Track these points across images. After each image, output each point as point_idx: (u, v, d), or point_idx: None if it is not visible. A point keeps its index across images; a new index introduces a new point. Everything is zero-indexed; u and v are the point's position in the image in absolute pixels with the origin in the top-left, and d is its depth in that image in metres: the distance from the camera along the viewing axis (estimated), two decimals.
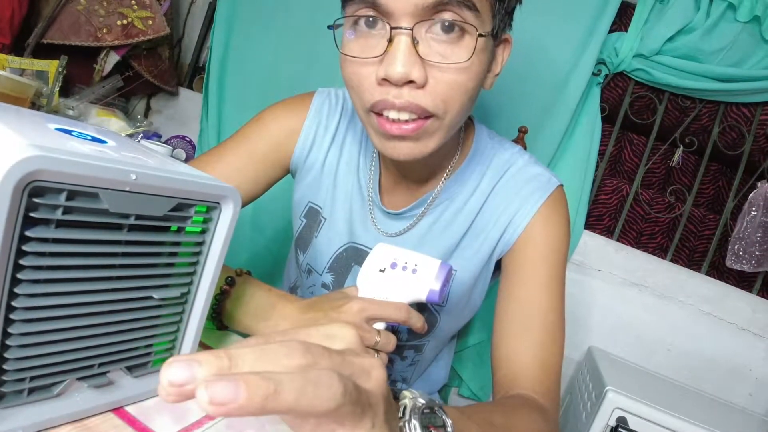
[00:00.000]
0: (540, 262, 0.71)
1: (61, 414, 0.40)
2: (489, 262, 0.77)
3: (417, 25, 0.55)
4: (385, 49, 0.56)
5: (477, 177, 0.76)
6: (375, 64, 0.58)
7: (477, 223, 0.76)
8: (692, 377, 1.50)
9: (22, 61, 1.34)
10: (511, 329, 0.68)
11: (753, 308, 1.47)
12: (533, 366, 0.65)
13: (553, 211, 0.74)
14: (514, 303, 0.70)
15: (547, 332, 0.68)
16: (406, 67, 0.55)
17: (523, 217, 0.73)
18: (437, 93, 0.58)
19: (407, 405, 0.38)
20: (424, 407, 0.39)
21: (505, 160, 0.77)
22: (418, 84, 0.57)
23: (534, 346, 0.66)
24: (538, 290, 0.70)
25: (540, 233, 0.73)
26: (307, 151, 0.82)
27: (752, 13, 1.35)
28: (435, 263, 0.61)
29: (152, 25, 1.66)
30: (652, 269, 1.54)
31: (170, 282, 0.45)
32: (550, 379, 0.65)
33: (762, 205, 1.41)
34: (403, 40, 0.55)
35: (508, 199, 0.75)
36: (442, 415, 0.40)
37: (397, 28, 0.55)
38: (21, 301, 0.34)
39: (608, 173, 1.71)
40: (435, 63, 0.57)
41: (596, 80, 1.52)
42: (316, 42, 1.68)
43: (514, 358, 0.66)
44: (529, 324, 0.68)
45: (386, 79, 0.57)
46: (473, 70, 0.59)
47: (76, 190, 0.34)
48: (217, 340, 0.62)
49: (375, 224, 0.79)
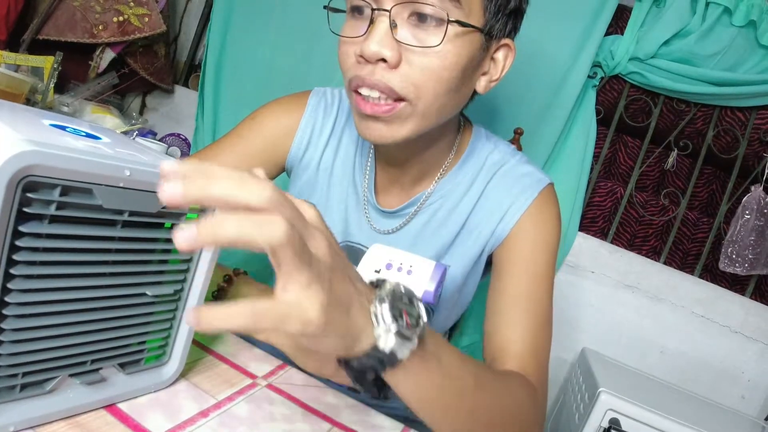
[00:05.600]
0: (530, 255, 0.72)
1: (53, 410, 0.39)
2: (480, 258, 0.77)
3: (395, 8, 0.58)
4: (367, 29, 0.60)
5: (471, 176, 0.77)
6: (358, 43, 0.61)
7: (470, 221, 0.76)
8: (685, 379, 1.51)
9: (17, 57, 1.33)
10: (502, 319, 0.69)
11: (746, 311, 1.48)
12: (525, 352, 0.66)
13: (543, 207, 0.75)
14: (505, 294, 0.71)
15: (538, 321, 0.69)
16: (379, 45, 0.58)
17: (515, 212, 0.74)
18: (408, 76, 0.60)
19: (386, 288, 0.38)
20: (403, 295, 0.39)
21: (498, 159, 0.78)
22: (390, 64, 0.59)
23: (525, 334, 0.67)
24: (528, 281, 0.71)
25: (530, 228, 0.74)
26: (303, 150, 0.82)
27: (748, 18, 1.36)
28: (430, 264, 0.61)
29: (148, 22, 1.65)
30: (646, 272, 1.54)
31: (164, 279, 0.45)
32: (540, 366, 0.66)
33: (755, 209, 1.42)
34: (382, 21, 0.59)
35: (500, 196, 0.75)
36: (418, 307, 0.39)
37: (378, 9, 0.59)
38: (14, 297, 0.34)
39: (603, 175, 1.72)
40: (409, 46, 0.60)
41: (592, 83, 1.53)
42: (313, 40, 1.68)
43: (506, 345, 0.67)
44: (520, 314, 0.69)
45: (362, 56, 0.60)
46: (448, 58, 0.60)
47: (70, 186, 0.34)
48: (211, 339, 0.62)
49: (369, 222, 0.79)
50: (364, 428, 0.55)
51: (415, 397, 0.42)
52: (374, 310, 0.36)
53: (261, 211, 0.29)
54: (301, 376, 0.61)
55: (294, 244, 0.29)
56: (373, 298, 0.37)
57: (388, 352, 0.36)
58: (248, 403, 0.52)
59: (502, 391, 0.54)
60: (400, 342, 0.36)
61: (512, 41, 0.69)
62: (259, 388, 0.55)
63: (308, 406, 0.55)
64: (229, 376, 0.55)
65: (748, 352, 1.48)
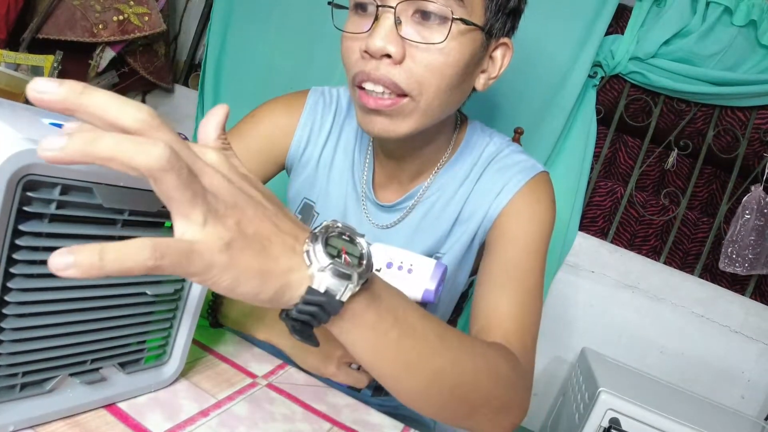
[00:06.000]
0: (521, 234, 0.72)
1: (53, 410, 0.39)
2: (473, 243, 0.78)
3: (400, 5, 0.59)
4: (371, 25, 0.61)
5: (467, 168, 0.78)
6: (363, 39, 0.62)
7: (464, 210, 0.77)
8: (685, 379, 1.51)
9: (17, 56, 1.33)
10: (490, 287, 0.68)
11: (745, 311, 1.48)
12: (511, 320, 0.64)
13: (535, 191, 0.75)
14: (494, 266, 0.70)
15: (526, 292, 0.67)
16: (384, 40, 0.59)
17: (507, 193, 0.74)
18: (412, 72, 0.61)
19: (321, 226, 0.35)
20: (341, 232, 0.36)
21: (493, 150, 0.79)
22: (395, 60, 0.60)
23: (512, 303, 0.65)
24: (519, 254, 0.70)
25: (522, 210, 0.74)
26: (302, 148, 0.83)
27: (748, 18, 1.36)
28: (430, 263, 0.61)
29: (148, 21, 1.65)
30: (646, 271, 1.54)
31: (163, 278, 0.45)
32: (526, 336, 0.64)
33: (755, 209, 1.42)
34: (387, 17, 0.59)
35: (493, 181, 0.76)
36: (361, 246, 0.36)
37: (383, 6, 0.59)
38: (14, 296, 0.34)
39: (603, 175, 1.72)
40: (413, 42, 0.60)
41: (592, 82, 1.53)
42: (313, 39, 1.68)
43: (491, 313, 0.65)
44: (508, 282, 0.67)
45: (367, 52, 0.61)
46: (451, 55, 0.61)
47: (69, 185, 0.34)
48: (210, 338, 0.62)
49: (368, 217, 0.80)
50: (364, 428, 0.55)
51: (368, 353, 0.39)
52: (306, 248, 0.34)
53: (138, 134, 0.27)
54: (301, 375, 0.61)
55: (177, 170, 0.27)
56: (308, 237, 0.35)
57: (323, 292, 0.33)
58: (248, 402, 0.52)
59: (476, 354, 0.49)
60: (338, 282, 0.33)
61: (510, 40, 0.70)
62: (259, 387, 0.55)
63: (308, 405, 0.55)
64: (229, 375, 0.55)
65: (748, 351, 1.48)
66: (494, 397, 0.51)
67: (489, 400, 0.50)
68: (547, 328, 1.60)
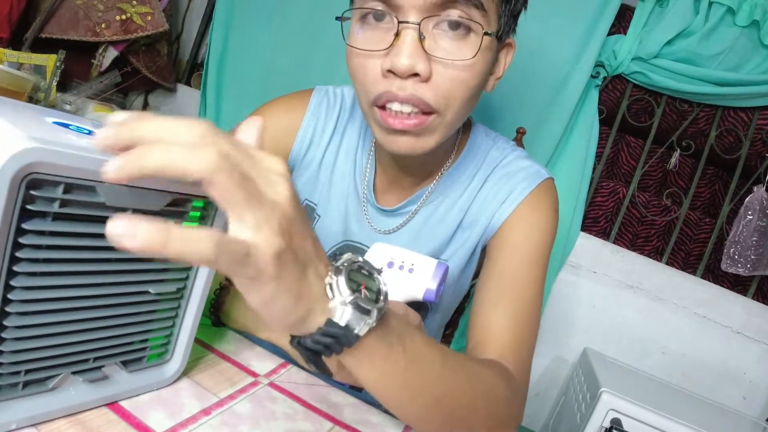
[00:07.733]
0: (523, 243, 0.71)
1: (55, 408, 0.39)
2: (476, 250, 0.78)
3: (424, 21, 0.56)
4: (392, 42, 0.57)
5: (471, 173, 0.77)
6: (381, 56, 0.59)
7: (468, 216, 0.77)
8: (686, 380, 1.51)
9: (20, 55, 1.33)
10: (487, 299, 0.68)
11: (747, 312, 1.47)
12: (507, 334, 0.64)
13: (540, 199, 0.74)
14: (493, 276, 0.70)
15: (524, 304, 0.67)
16: (411, 59, 0.56)
17: (511, 202, 0.74)
18: (440, 88, 0.59)
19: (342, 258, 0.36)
20: (362, 267, 0.36)
21: (497, 155, 0.78)
22: (423, 78, 0.57)
23: (509, 315, 0.65)
24: (518, 265, 0.70)
25: (525, 216, 0.73)
26: (305, 148, 0.82)
27: (751, 18, 1.36)
28: (431, 263, 0.61)
29: (151, 20, 1.66)
30: (648, 272, 1.54)
31: (166, 277, 0.45)
32: (522, 350, 0.64)
33: (758, 209, 1.42)
34: (409, 33, 0.56)
35: (497, 189, 0.75)
36: (378, 282, 0.37)
37: (405, 22, 0.56)
38: (17, 294, 0.34)
39: (605, 175, 1.72)
40: (440, 59, 0.58)
41: (594, 82, 1.52)
42: (315, 39, 1.68)
43: (488, 326, 0.65)
44: (506, 294, 0.67)
45: (391, 71, 0.58)
46: (477, 68, 0.60)
47: (73, 183, 0.34)
48: (212, 336, 0.62)
49: (369, 222, 0.79)
50: (366, 427, 0.55)
51: (377, 383, 0.40)
52: (329, 280, 0.34)
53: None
54: (303, 374, 0.61)
55: (229, 174, 0.27)
56: (330, 268, 0.35)
57: (344, 326, 0.33)
58: (250, 401, 0.52)
59: (474, 378, 0.50)
60: (358, 316, 0.34)
61: (513, 39, 0.69)
62: (261, 386, 0.55)
63: (310, 404, 0.55)
64: (231, 374, 0.55)
65: (750, 352, 1.48)
66: (490, 417, 0.52)
67: (485, 420, 0.52)
68: (548, 328, 1.60)
